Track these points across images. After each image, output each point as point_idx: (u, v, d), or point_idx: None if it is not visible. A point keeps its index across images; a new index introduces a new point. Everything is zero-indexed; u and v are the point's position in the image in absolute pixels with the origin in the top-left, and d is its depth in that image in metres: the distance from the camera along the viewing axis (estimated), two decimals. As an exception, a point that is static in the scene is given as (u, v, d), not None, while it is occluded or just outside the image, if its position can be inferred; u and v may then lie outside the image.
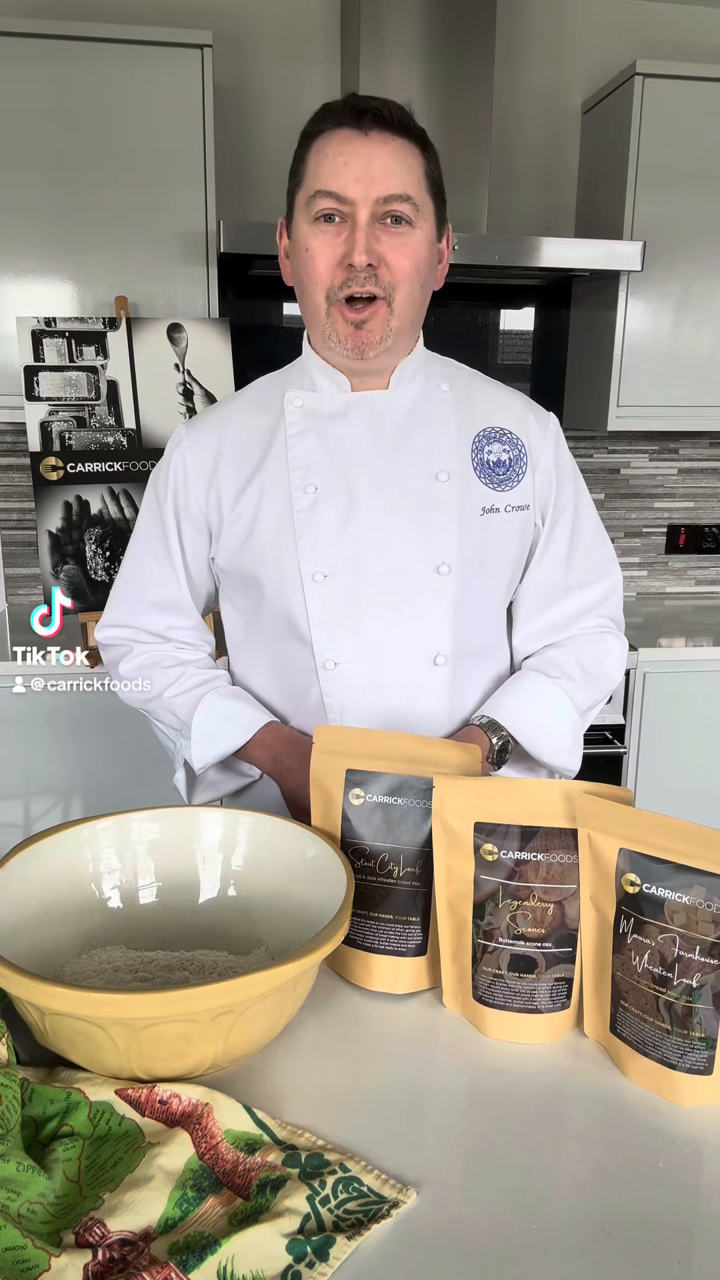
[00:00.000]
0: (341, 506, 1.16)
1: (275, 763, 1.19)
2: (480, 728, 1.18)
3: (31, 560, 2.76)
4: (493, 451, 1.20)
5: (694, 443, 3.03)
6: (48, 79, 2.23)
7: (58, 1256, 0.61)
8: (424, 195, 1.09)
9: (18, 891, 0.87)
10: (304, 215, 1.09)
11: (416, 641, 1.17)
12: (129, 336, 2.27)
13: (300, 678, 1.20)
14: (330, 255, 1.08)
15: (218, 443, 1.21)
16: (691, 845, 0.77)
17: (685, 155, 2.48)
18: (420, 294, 1.12)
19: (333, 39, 2.60)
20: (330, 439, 1.17)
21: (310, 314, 1.13)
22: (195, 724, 1.21)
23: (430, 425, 1.18)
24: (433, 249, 1.12)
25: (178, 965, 0.90)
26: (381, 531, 1.16)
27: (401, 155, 1.06)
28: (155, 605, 1.27)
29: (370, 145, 1.05)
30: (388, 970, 0.92)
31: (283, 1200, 0.66)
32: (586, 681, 1.24)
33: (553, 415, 1.26)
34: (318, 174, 1.07)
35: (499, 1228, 0.66)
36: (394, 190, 1.05)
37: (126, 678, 1.28)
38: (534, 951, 0.84)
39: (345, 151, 1.05)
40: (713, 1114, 0.77)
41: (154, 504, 1.25)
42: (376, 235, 1.07)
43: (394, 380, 1.18)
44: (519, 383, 2.96)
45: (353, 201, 1.05)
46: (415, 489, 1.16)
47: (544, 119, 2.75)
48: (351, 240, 1.06)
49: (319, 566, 1.15)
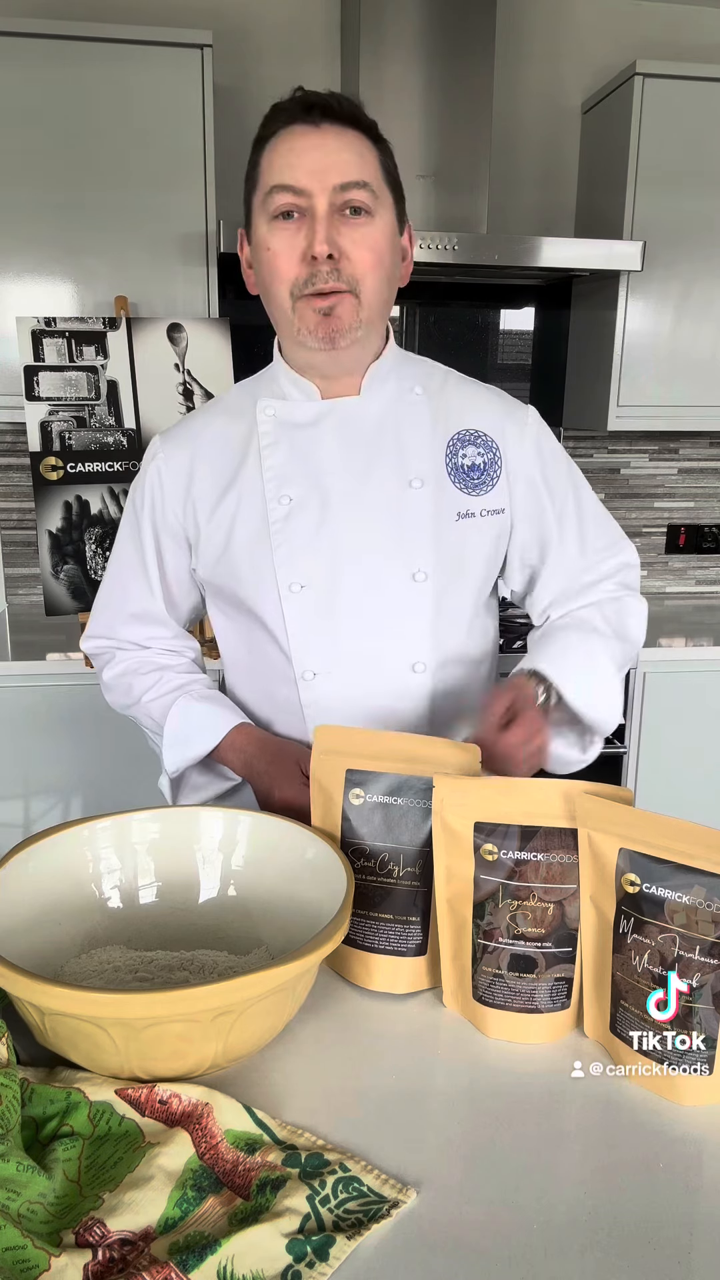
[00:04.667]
0: (316, 516, 1.14)
1: (246, 765, 1.18)
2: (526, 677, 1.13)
3: (31, 560, 2.76)
4: (467, 455, 1.18)
5: (694, 443, 3.03)
6: (48, 79, 2.23)
7: (58, 1256, 0.61)
8: (381, 184, 1.07)
9: (18, 891, 0.87)
10: (262, 215, 1.07)
11: (395, 650, 1.16)
12: (129, 336, 2.27)
13: (281, 687, 1.19)
14: (291, 252, 1.05)
15: (192, 454, 1.19)
16: (691, 845, 0.77)
17: (685, 155, 2.48)
18: (386, 287, 1.10)
19: (333, 39, 2.60)
20: (303, 448, 1.16)
21: (277, 315, 1.11)
22: (167, 728, 1.21)
23: (403, 431, 1.16)
24: (394, 242, 1.10)
25: (178, 965, 0.90)
26: (357, 540, 1.14)
27: (355, 145, 1.05)
28: (134, 617, 1.27)
29: (322, 136, 1.04)
30: (388, 970, 0.92)
31: (283, 1200, 0.66)
32: (616, 639, 1.22)
33: (531, 409, 1.23)
34: (272, 170, 1.05)
35: (499, 1228, 0.66)
36: (350, 178, 1.03)
37: (110, 684, 1.29)
38: (534, 951, 0.84)
39: (298, 146, 1.04)
40: (713, 1114, 0.77)
41: (132, 517, 1.24)
42: (336, 227, 1.04)
43: (365, 385, 1.16)
44: (519, 383, 2.96)
45: (309, 193, 1.03)
46: (389, 496, 1.15)
47: (544, 119, 2.75)
48: (311, 232, 1.04)
49: (295, 577, 1.14)
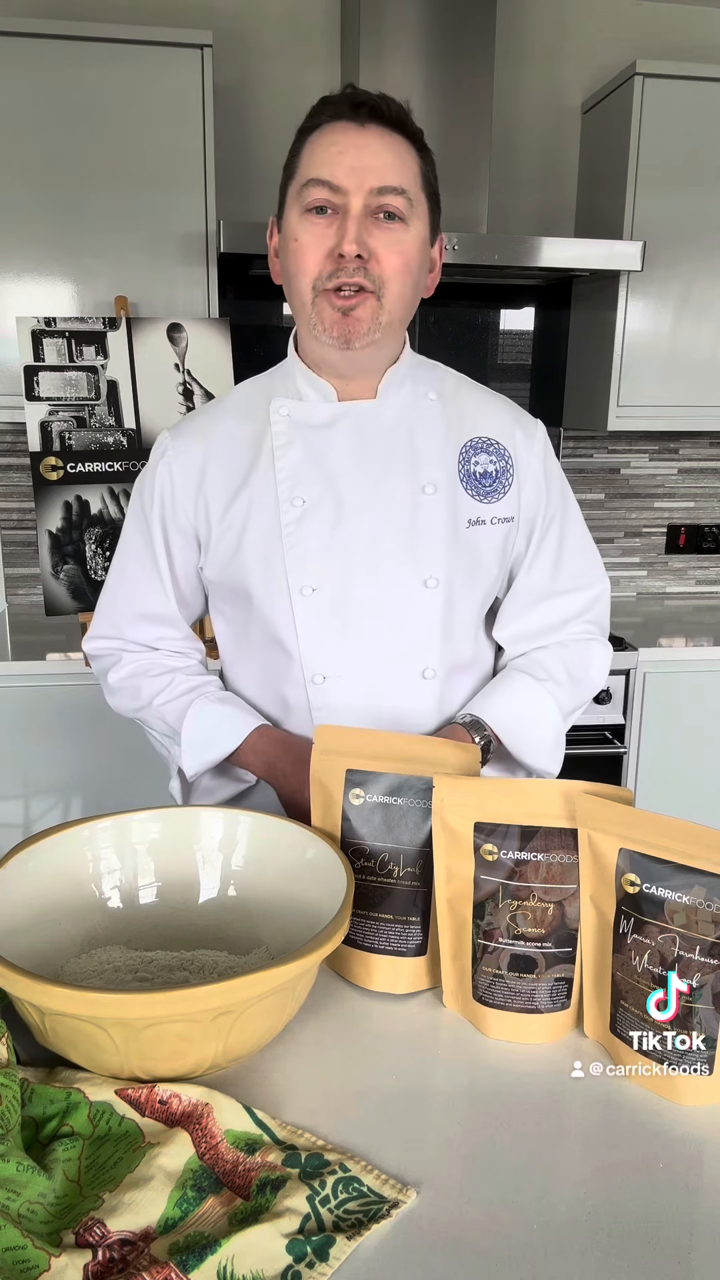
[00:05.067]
0: (329, 519, 1.14)
1: (269, 767, 1.17)
2: (463, 726, 1.17)
3: (31, 560, 2.76)
4: (479, 463, 1.18)
5: (694, 443, 3.03)
6: (48, 79, 2.23)
7: (58, 1256, 0.61)
8: (419, 193, 1.07)
9: (18, 891, 0.87)
10: (295, 206, 1.07)
11: (405, 655, 1.16)
12: (129, 336, 2.27)
13: (289, 691, 1.19)
14: (320, 247, 1.05)
15: (204, 452, 1.18)
16: (691, 845, 0.77)
17: (685, 155, 2.48)
18: (411, 294, 1.10)
19: (333, 39, 2.60)
20: (317, 450, 1.15)
21: (297, 307, 1.11)
22: (185, 731, 1.20)
23: (417, 436, 1.17)
24: (425, 251, 1.10)
25: (178, 965, 0.90)
26: (369, 545, 1.14)
27: (397, 150, 1.05)
28: (143, 616, 1.25)
29: (366, 136, 1.03)
30: (388, 970, 0.92)
31: (283, 1200, 0.66)
32: (572, 685, 1.23)
33: (540, 423, 1.24)
34: (311, 163, 1.05)
35: (499, 1228, 0.66)
36: (388, 182, 1.03)
37: (116, 687, 1.26)
38: (534, 951, 0.84)
39: (340, 141, 1.03)
40: (713, 1114, 0.77)
41: (140, 514, 1.22)
42: (368, 228, 1.04)
43: (381, 389, 1.16)
44: (519, 383, 2.96)
45: (345, 191, 1.03)
46: (403, 502, 1.15)
47: (544, 119, 2.75)
48: (342, 230, 1.04)
49: (307, 580, 1.14)
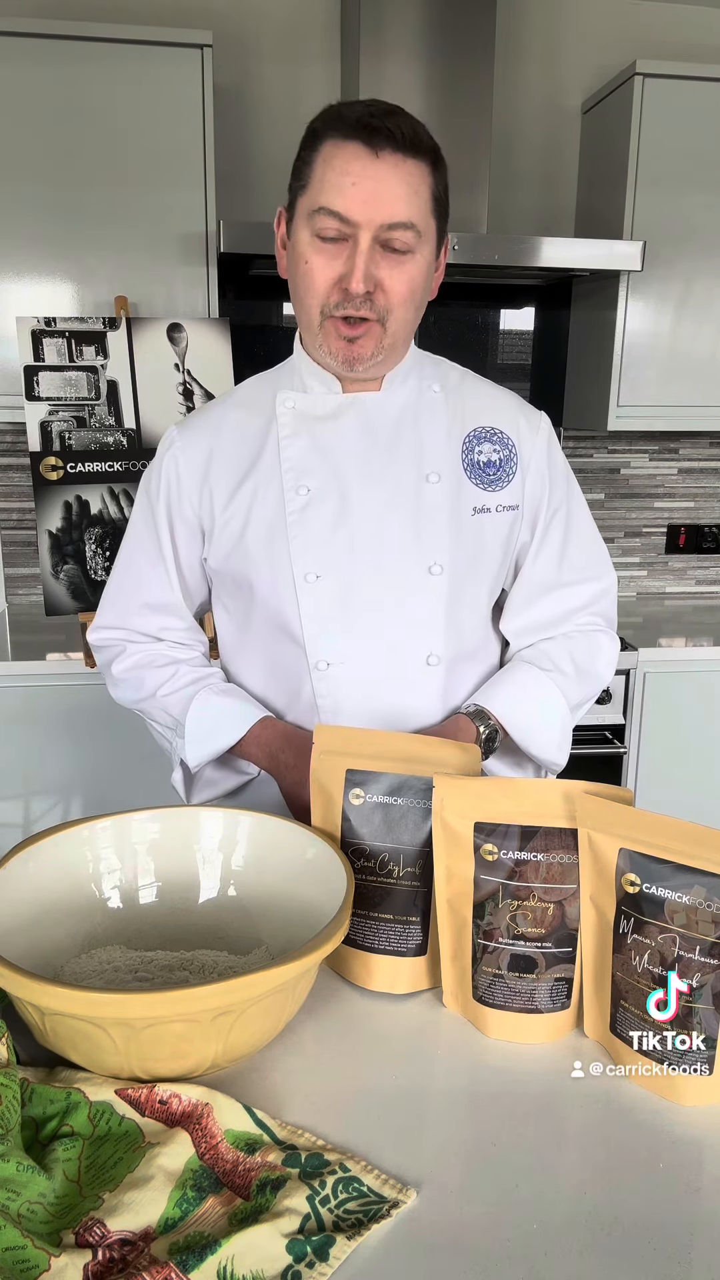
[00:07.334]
0: (334, 508, 1.16)
1: (271, 759, 1.18)
2: (468, 716, 1.18)
3: (31, 560, 2.76)
4: (483, 452, 1.20)
5: (694, 443, 3.03)
6: (48, 79, 2.23)
7: (58, 1256, 0.61)
8: (428, 219, 1.08)
9: (17, 891, 0.87)
10: (305, 225, 1.07)
11: (409, 642, 1.17)
12: (129, 336, 2.27)
13: (293, 679, 1.20)
14: (329, 274, 1.07)
15: (210, 444, 1.20)
16: (691, 845, 0.77)
17: (685, 155, 2.48)
18: (414, 314, 1.12)
19: (333, 39, 2.60)
20: (322, 440, 1.17)
21: (304, 321, 1.13)
22: (189, 722, 1.21)
23: (421, 426, 1.18)
24: (430, 270, 1.12)
25: (178, 965, 0.90)
26: (374, 532, 1.16)
27: (410, 180, 1.04)
28: (148, 607, 1.27)
29: (380, 168, 1.03)
30: (388, 970, 0.92)
31: (283, 1200, 0.66)
32: (579, 677, 1.24)
33: (544, 415, 1.26)
34: (323, 188, 1.04)
35: (499, 1228, 0.66)
36: (399, 218, 1.04)
37: (119, 678, 1.27)
38: (534, 951, 0.84)
39: (354, 171, 1.03)
40: (713, 1114, 0.77)
41: (146, 505, 1.24)
42: (376, 260, 1.05)
43: (386, 381, 1.18)
44: (519, 382, 2.96)
45: (356, 224, 1.04)
46: (407, 490, 1.16)
47: (544, 119, 2.75)
48: (351, 263, 1.05)
49: (311, 567, 1.15)
